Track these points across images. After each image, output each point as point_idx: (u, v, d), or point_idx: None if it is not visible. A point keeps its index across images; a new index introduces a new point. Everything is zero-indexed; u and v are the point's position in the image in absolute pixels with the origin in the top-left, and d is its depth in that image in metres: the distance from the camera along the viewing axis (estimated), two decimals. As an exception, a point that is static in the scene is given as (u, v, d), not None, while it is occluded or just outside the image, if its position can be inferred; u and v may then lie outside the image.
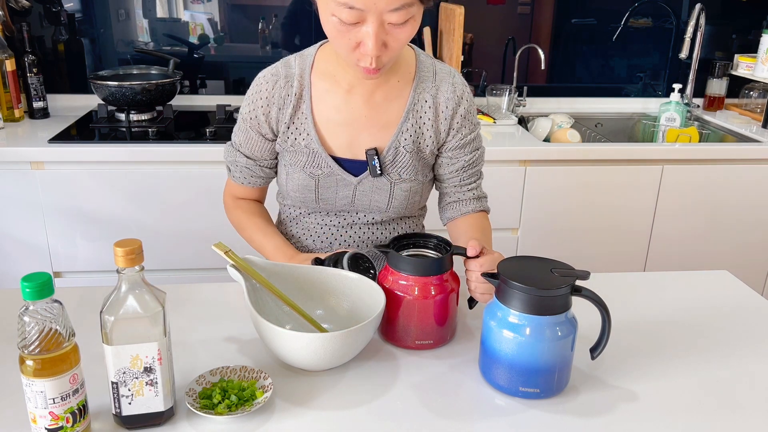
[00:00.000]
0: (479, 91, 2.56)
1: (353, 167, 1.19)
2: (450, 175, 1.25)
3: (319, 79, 1.17)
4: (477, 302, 1.09)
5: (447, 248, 1.04)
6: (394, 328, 1.02)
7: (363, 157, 1.19)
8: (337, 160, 1.19)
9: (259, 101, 1.18)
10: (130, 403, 0.81)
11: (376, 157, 1.17)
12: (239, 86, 2.51)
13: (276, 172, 1.27)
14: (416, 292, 0.99)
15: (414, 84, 1.19)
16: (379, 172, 1.18)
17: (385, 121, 1.18)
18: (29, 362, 0.74)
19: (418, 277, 0.99)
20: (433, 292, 0.99)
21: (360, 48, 1.01)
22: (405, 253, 1.05)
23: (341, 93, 1.17)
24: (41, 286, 0.73)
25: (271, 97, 1.17)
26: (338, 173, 1.19)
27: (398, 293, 0.99)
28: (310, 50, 1.20)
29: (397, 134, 1.18)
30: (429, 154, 1.22)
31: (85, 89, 2.40)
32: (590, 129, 2.50)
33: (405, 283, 0.99)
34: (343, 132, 1.18)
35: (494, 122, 2.36)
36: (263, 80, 1.18)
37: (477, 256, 1.02)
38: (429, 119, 1.19)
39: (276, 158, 1.25)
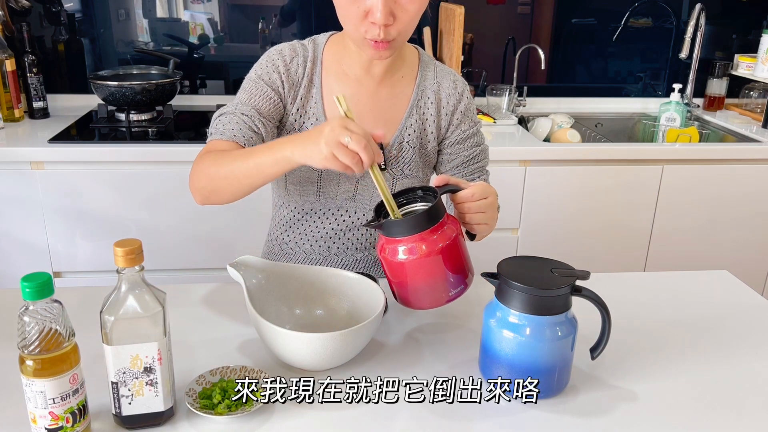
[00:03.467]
0: (479, 91, 2.56)
1: None
2: (451, 171, 1.25)
3: (327, 69, 1.18)
4: (475, 235, 1.05)
5: (435, 195, 0.97)
6: (420, 294, 0.96)
7: None
8: None
9: (280, 61, 1.16)
10: (130, 403, 0.81)
11: (381, 151, 1.17)
12: (239, 86, 2.50)
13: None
14: (424, 249, 0.92)
15: (417, 80, 1.20)
16: (383, 166, 1.18)
17: (389, 116, 1.19)
18: (29, 362, 0.74)
19: (421, 233, 0.92)
20: (441, 244, 0.92)
21: (368, 17, 1.02)
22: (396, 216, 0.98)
23: (348, 86, 1.17)
24: (41, 286, 0.73)
25: (287, 70, 1.16)
26: None
27: (408, 258, 0.93)
28: (320, 38, 1.20)
29: (401, 129, 1.19)
30: (431, 150, 1.23)
31: (85, 89, 2.40)
32: (590, 129, 2.50)
33: (411, 245, 0.92)
34: None
35: (494, 122, 2.36)
36: (282, 51, 1.17)
37: (447, 185, 0.98)
38: (432, 114, 1.20)
39: (276, 126, 1.19)
